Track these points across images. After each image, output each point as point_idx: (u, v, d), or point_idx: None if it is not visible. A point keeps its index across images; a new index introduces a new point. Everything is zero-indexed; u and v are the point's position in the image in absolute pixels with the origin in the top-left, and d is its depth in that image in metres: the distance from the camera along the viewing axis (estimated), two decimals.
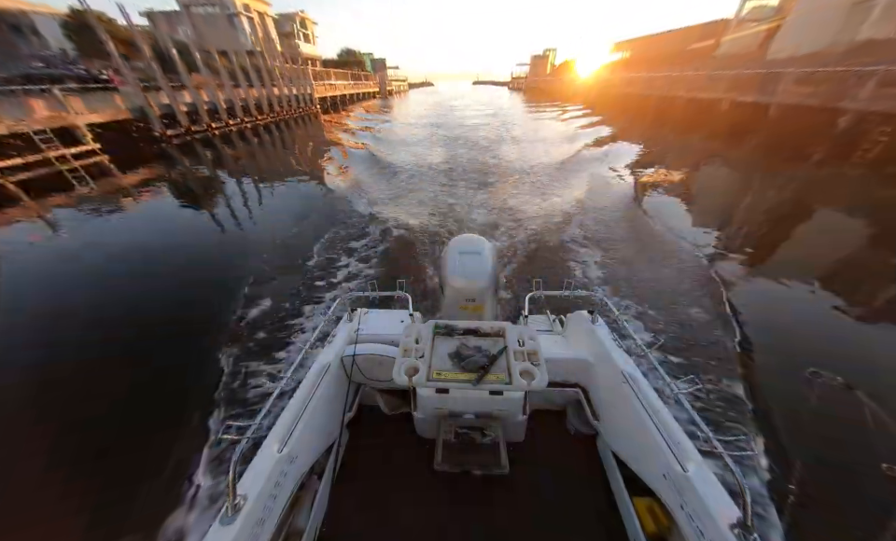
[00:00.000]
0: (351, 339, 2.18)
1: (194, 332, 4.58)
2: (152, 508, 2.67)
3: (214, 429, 3.21)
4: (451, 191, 10.12)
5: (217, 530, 1.15)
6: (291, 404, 1.71)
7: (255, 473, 1.36)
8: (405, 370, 1.55)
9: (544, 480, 1.94)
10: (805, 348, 4.10)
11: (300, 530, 1.58)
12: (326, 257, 6.35)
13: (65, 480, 2.93)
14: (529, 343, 1.66)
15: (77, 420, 3.45)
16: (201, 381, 3.76)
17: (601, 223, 7.78)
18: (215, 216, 8.75)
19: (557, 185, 10.66)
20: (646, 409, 1.62)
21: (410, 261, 6.16)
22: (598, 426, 2.04)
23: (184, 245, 7.29)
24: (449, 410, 1.94)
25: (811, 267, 5.79)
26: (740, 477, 1.10)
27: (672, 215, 8.33)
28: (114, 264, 6.40)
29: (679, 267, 5.76)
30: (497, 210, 8.52)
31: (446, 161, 13.73)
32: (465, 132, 21.26)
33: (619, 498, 1.79)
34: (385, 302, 2.98)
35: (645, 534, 1.54)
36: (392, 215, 8.17)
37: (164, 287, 5.70)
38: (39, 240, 7.40)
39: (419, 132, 21.67)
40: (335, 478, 1.91)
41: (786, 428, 3.08)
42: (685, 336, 4.16)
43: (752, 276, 5.57)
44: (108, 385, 3.81)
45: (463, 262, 2.24)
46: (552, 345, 2.27)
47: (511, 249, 6.48)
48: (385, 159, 13.98)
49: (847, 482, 2.73)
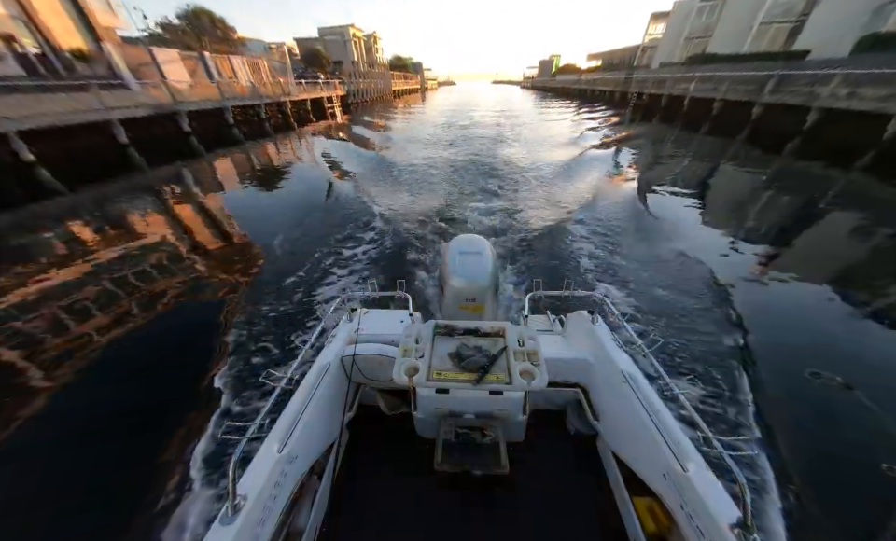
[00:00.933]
0: (351, 339, 2.18)
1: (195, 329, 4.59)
2: (151, 508, 2.67)
3: (214, 429, 3.21)
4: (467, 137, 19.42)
5: (217, 530, 1.15)
6: (291, 404, 1.70)
7: (255, 473, 1.36)
8: (405, 370, 1.55)
9: (544, 480, 1.94)
10: (806, 348, 4.10)
11: (300, 530, 1.58)
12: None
13: (62, 472, 2.94)
14: (529, 343, 1.66)
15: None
16: (200, 380, 3.76)
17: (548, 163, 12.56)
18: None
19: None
20: (646, 409, 1.62)
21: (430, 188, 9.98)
22: (598, 426, 2.03)
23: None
24: (449, 410, 1.94)
25: (810, 267, 5.80)
26: (740, 477, 1.10)
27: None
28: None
29: (667, 260, 5.77)
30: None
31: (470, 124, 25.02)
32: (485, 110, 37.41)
33: (619, 498, 1.79)
34: (386, 302, 2.98)
35: (645, 533, 1.54)
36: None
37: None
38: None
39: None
40: (335, 478, 1.91)
41: (786, 428, 3.08)
42: (685, 335, 4.16)
43: (752, 275, 5.57)
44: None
45: (463, 262, 2.24)
46: (552, 345, 2.27)
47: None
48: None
49: (847, 482, 2.73)
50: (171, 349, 4.40)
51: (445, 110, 38.42)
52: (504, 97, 64.84)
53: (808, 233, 7.32)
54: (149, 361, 4.21)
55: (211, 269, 6.23)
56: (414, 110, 40.31)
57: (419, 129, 23.29)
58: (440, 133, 21.08)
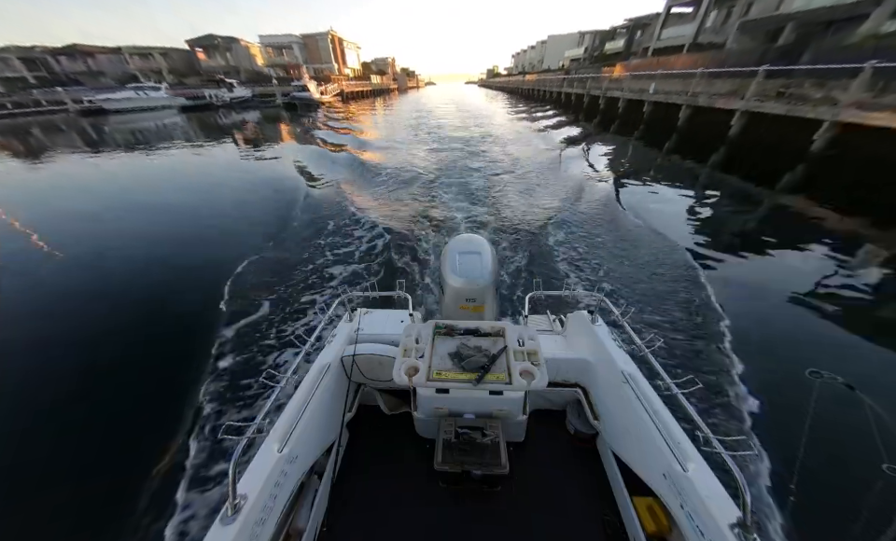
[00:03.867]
0: (351, 339, 2.18)
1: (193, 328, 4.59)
2: (151, 508, 2.67)
3: (214, 429, 3.21)
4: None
5: (217, 530, 1.15)
6: (291, 404, 1.70)
7: (255, 473, 1.36)
8: (405, 370, 1.55)
9: (544, 480, 1.94)
10: (806, 348, 4.10)
11: (300, 530, 1.58)
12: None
13: (61, 469, 2.94)
14: (529, 343, 1.66)
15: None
16: (199, 380, 3.76)
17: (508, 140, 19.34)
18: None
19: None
20: (646, 408, 1.62)
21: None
22: (598, 426, 2.04)
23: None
24: (449, 410, 1.94)
25: (812, 265, 5.80)
26: (740, 476, 1.10)
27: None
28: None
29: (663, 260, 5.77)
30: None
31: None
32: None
33: (619, 498, 1.79)
34: (385, 302, 2.98)
35: (645, 533, 1.54)
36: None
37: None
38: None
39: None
40: (335, 478, 1.91)
41: (786, 428, 3.08)
42: (684, 335, 4.16)
43: (751, 273, 5.57)
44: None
45: (463, 262, 2.24)
46: (552, 345, 2.27)
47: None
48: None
49: (846, 482, 2.73)
50: (168, 342, 4.40)
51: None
52: (465, 91, 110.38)
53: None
54: (150, 360, 4.21)
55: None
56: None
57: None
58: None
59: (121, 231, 7.87)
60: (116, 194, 10.77)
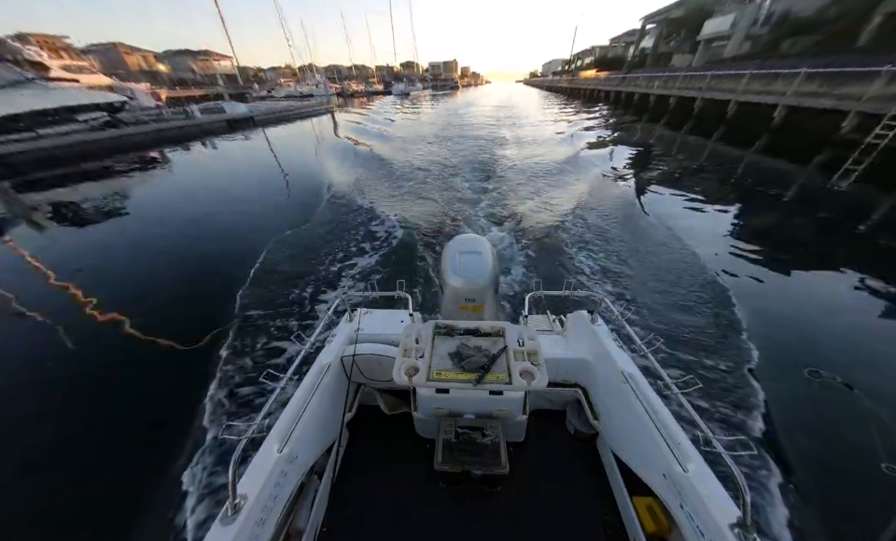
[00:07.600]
0: (351, 339, 2.18)
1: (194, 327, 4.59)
2: (151, 508, 2.67)
3: (213, 429, 3.20)
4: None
5: (217, 530, 1.15)
6: (291, 404, 1.70)
7: (255, 473, 1.36)
8: (405, 370, 1.55)
9: (544, 480, 1.94)
10: (806, 347, 4.10)
11: (300, 530, 1.58)
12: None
13: (61, 473, 2.94)
14: (529, 343, 1.66)
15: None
16: (199, 380, 3.76)
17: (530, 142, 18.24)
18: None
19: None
20: (646, 409, 1.62)
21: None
22: (598, 426, 2.03)
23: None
24: (449, 410, 1.94)
25: (810, 265, 5.80)
26: (740, 476, 1.10)
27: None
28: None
29: (673, 259, 5.77)
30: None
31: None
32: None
33: (619, 498, 1.79)
34: (386, 302, 2.98)
35: (645, 533, 1.54)
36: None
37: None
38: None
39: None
40: (335, 478, 1.91)
41: (786, 427, 3.08)
42: (684, 335, 4.16)
43: (750, 274, 5.56)
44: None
45: (463, 262, 2.24)
46: (552, 345, 2.27)
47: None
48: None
49: (846, 481, 2.73)
50: (167, 342, 4.40)
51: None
52: (516, 89, 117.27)
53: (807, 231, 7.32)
54: (150, 361, 4.21)
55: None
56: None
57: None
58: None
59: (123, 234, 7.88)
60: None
